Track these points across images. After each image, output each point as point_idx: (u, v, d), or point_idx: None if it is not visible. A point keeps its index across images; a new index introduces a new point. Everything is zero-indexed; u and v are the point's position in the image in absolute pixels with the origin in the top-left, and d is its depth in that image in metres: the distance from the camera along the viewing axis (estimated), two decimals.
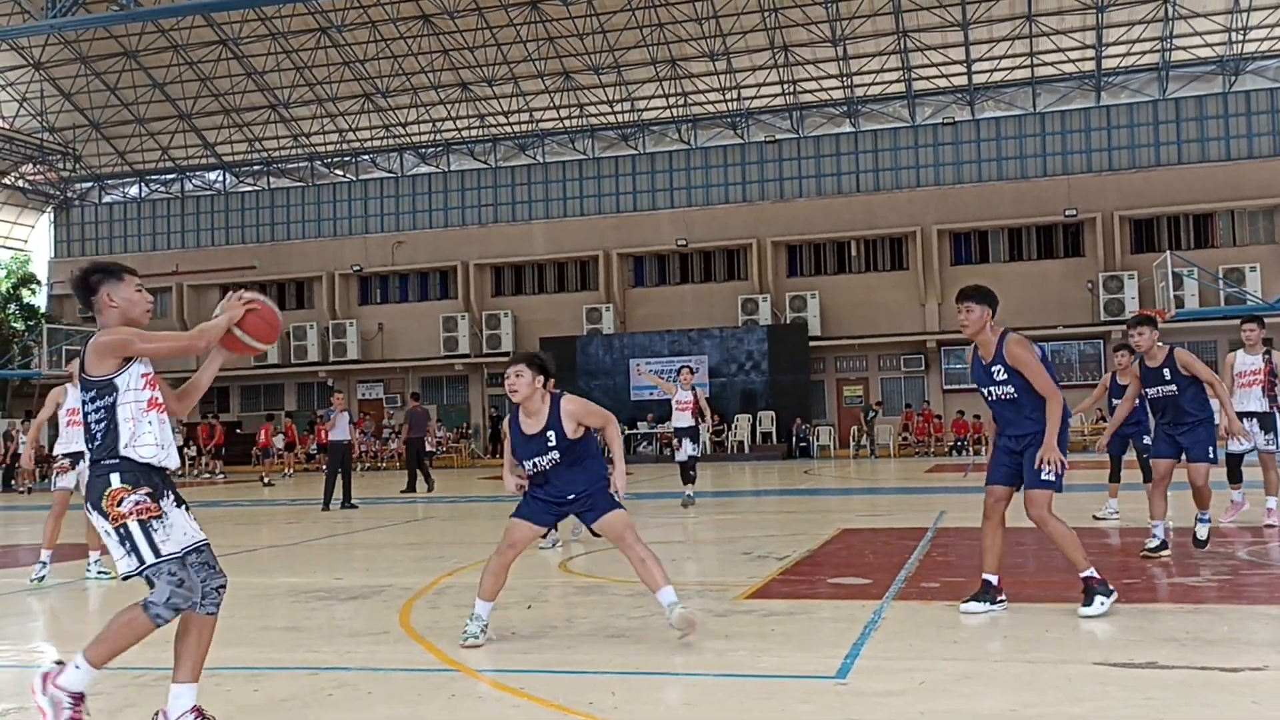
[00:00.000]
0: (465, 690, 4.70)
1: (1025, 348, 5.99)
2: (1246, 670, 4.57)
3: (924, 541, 9.57)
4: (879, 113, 37.75)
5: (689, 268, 38.52)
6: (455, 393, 40.29)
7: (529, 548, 6.36)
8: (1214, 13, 32.71)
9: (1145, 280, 32.29)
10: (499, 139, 40.92)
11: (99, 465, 3.90)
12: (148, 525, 3.82)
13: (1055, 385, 5.97)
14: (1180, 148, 34.92)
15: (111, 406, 3.91)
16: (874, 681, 4.56)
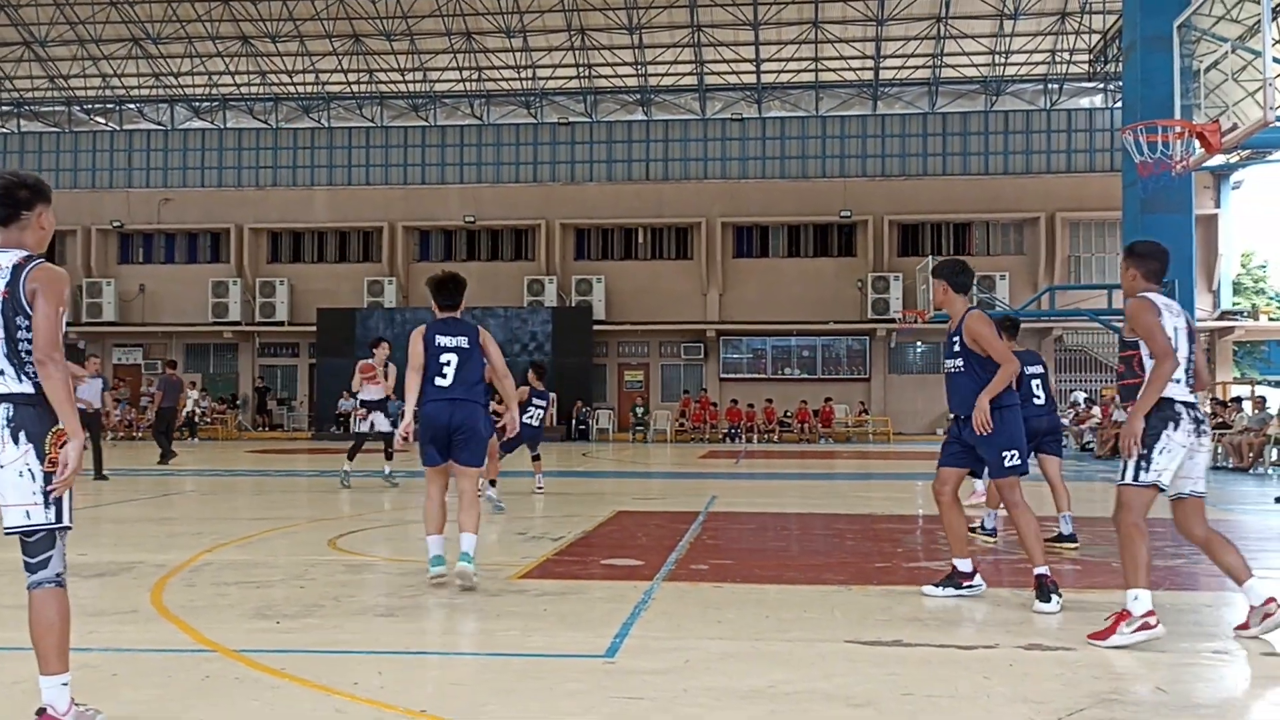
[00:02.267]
0: (221, 671, 4.49)
1: (984, 324, 6.19)
2: (980, 648, 4.94)
3: (695, 525, 9.84)
4: (671, 103, 38.44)
5: (476, 245, 38.11)
6: (224, 361, 38.40)
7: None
8: (981, 35, 35.03)
9: (909, 282, 34.28)
10: (281, 99, 39.17)
11: (37, 398, 3.62)
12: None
13: (1009, 355, 6.21)
14: (945, 159, 37.25)
15: None
16: (641, 660, 4.65)
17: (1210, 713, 3.98)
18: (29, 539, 3.58)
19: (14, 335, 3.60)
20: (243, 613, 5.67)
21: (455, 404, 6.47)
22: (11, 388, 3.58)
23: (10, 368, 3.59)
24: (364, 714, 3.88)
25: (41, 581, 3.58)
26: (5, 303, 3.59)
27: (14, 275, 3.62)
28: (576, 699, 4.06)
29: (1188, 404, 5.19)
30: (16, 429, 3.54)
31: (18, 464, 3.53)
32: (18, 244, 3.69)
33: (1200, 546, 5.31)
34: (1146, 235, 23.33)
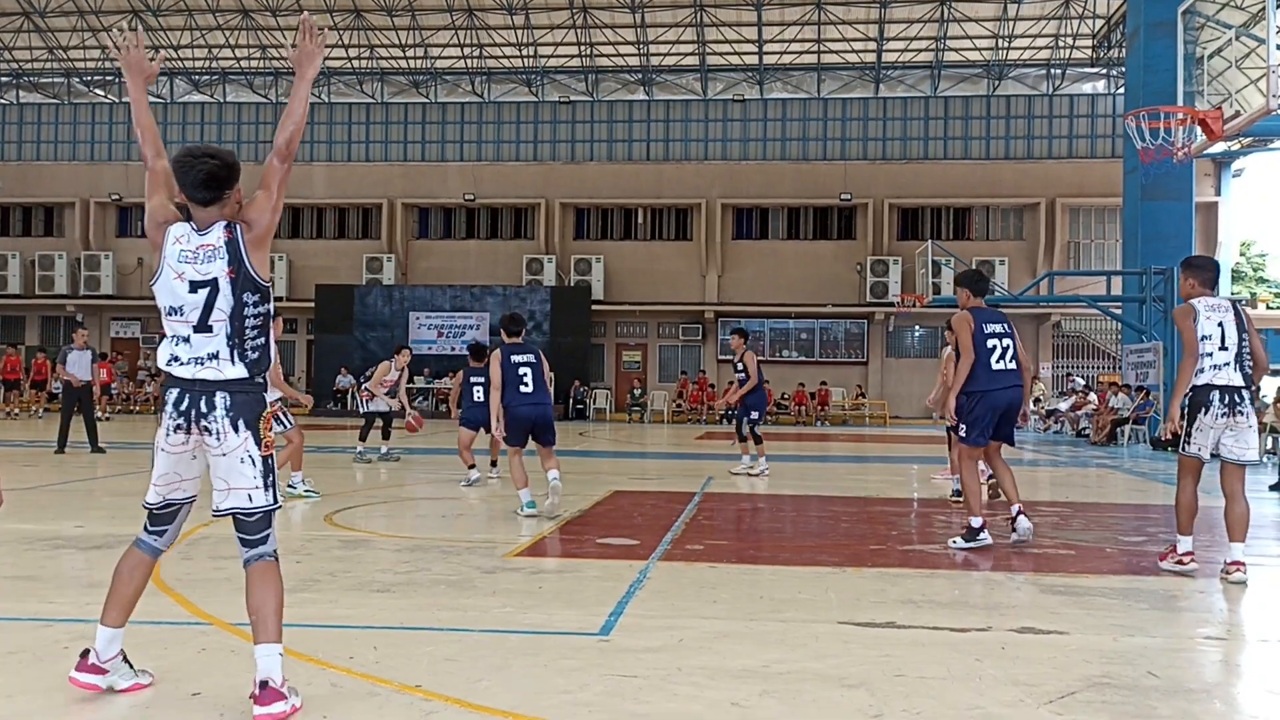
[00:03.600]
0: (217, 644, 4.51)
1: (959, 323, 7.31)
2: (972, 630, 4.96)
3: (691, 505, 9.87)
4: (673, 84, 38.29)
5: (475, 223, 38.02)
6: None
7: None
8: (984, 19, 34.87)
9: (908, 266, 34.24)
10: (280, 73, 39.00)
11: (252, 382, 3.65)
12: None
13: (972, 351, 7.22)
14: (946, 143, 37.16)
15: (269, 317, 3.72)
16: (635, 639, 4.67)
17: (1200, 697, 4.01)
18: (248, 519, 3.68)
19: (241, 313, 3.58)
20: (238, 586, 5.62)
21: (537, 406, 8.69)
22: (228, 373, 3.59)
23: (228, 350, 3.58)
24: (359, 688, 3.90)
25: (262, 555, 3.69)
26: (234, 282, 3.57)
27: (232, 250, 3.60)
28: (570, 676, 4.08)
29: (1224, 388, 6.34)
30: (236, 417, 3.59)
31: (239, 451, 3.60)
32: (216, 219, 3.65)
33: (1225, 497, 6.50)
34: (1146, 222, 23.37)
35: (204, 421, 3.57)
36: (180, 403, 3.59)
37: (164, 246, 3.64)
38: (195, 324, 3.57)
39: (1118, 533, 8.42)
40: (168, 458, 3.68)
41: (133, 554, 3.81)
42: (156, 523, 3.81)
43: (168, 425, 3.62)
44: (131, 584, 3.78)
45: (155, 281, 3.67)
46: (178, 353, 3.61)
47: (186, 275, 3.59)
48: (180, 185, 3.63)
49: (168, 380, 3.63)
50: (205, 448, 3.62)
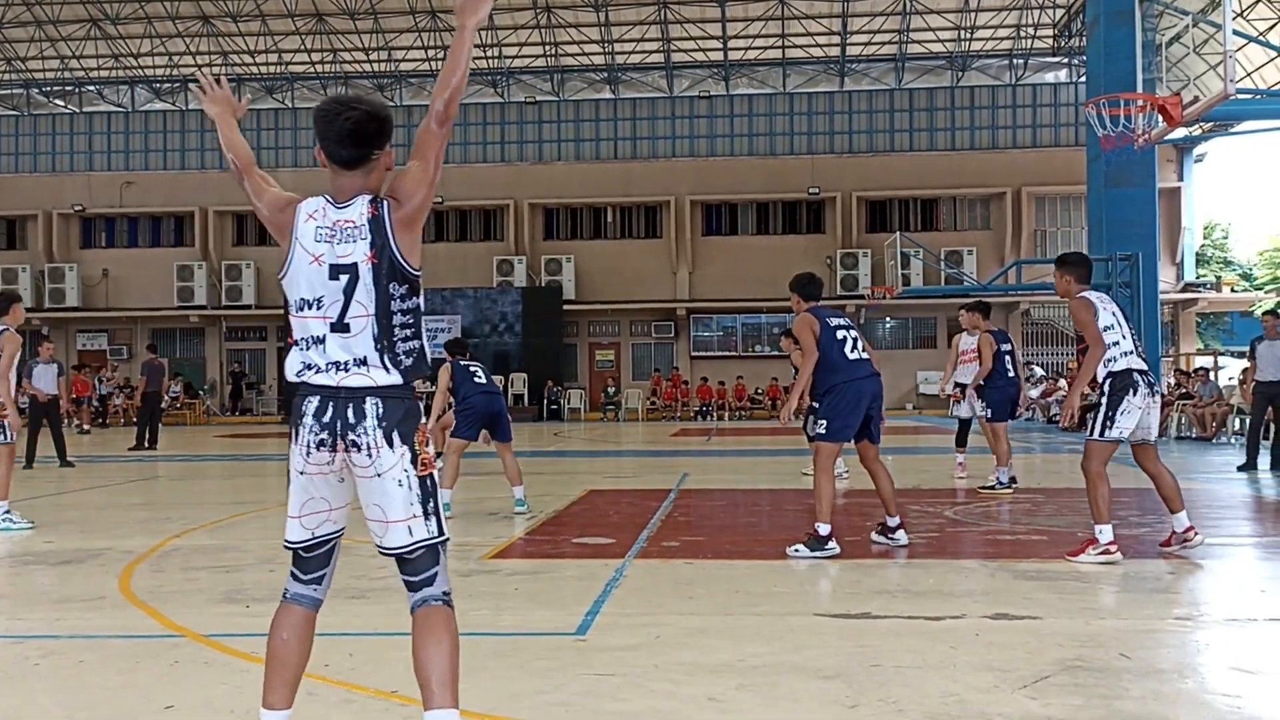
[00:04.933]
0: (189, 656, 4.48)
1: (800, 325, 7.18)
2: (947, 619, 5.00)
3: (666, 502, 9.88)
4: (638, 81, 38.29)
5: (444, 226, 37.88)
6: (191, 346, 38.04)
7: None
8: (946, 10, 35.08)
9: (877, 259, 34.41)
10: (244, 79, 38.69)
11: (406, 388, 2.98)
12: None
13: (814, 351, 7.05)
14: (912, 135, 37.36)
15: (420, 315, 3.04)
16: (613, 637, 4.68)
17: (1171, 677, 4.05)
18: (410, 556, 3.00)
19: (387, 308, 2.94)
20: (212, 597, 5.65)
21: (492, 396, 9.09)
22: (378, 379, 2.93)
23: (376, 354, 2.93)
24: (335, 695, 3.88)
25: (428, 599, 3.00)
26: (375, 269, 2.92)
27: (376, 228, 2.94)
28: (547, 676, 4.07)
29: (1142, 371, 6.47)
30: (390, 429, 2.90)
31: (394, 472, 2.92)
32: (360, 189, 3.00)
33: (1151, 478, 6.61)
34: (1111, 209, 23.58)
35: (351, 434, 2.89)
36: (322, 413, 2.91)
37: (295, 225, 3.00)
38: (334, 320, 2.92)
39: (1088, 517, 8.50)
40: (309, 482, 2.99)
41: (289, 612, 3.07)
42: (307, 567, 3.08)
43: (307, 441, 2.93)
44: (297, 650, 3.05)
45: (284, 272, 3.01)
46: (312, 358, 2.95)
47: (325, 257, 2.94)
48: (321, 139, 2.99)
49: (301, 390, 2.98)
50: (352, 468, 2.95)
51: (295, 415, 2.97)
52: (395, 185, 3.02)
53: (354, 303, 2.92)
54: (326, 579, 3.13)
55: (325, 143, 2.98)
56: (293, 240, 2.99)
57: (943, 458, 14.93)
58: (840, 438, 6.90)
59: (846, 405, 6.89)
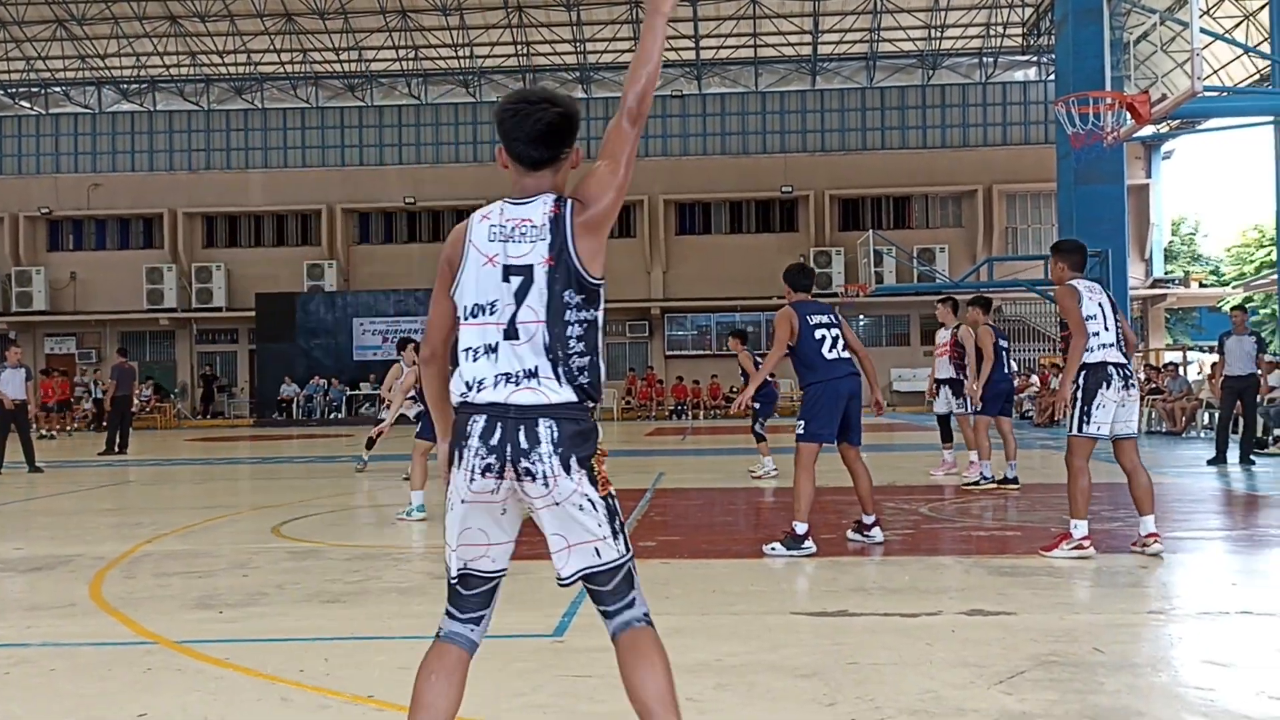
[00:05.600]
0: (163, 663, 4.43)
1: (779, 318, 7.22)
2: (923, 616, 5.02)
3: (643, 502, 9.87)
4: (610, 81, 38.27)
5: (417, 226, 37.74)
6: (161, 349, 37.71)
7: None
8: (916, 9, 35.27)
9: (850, 257, 34.55)
10: (212, 80, 38.41)
11: (581, 407, 2.68)
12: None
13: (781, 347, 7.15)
14: (884, 134, 37.54)
15: (598, 328, 2.76)
16: (590, 638, 4.66)
17: (1145, 670, 4.08)
18: (600, 579, 2.78)
19: (560, 317, 2.66)
20: (184, 603, 5.59)
21: None
22: (550, 395, 2.63)
23: (548, 365, 2.64)
24: (310, 701, 3.85)
25: (630, 621, 2.80)
26: (550, 273, 2.67)
27: (556, 230, 2.70)
28: (525, 678, 4.06)
29: (1117, 365, 6.47)
30: (566, 454, 2.62)
31: (574, 498, 2.66)
32: (546, 189, 2.78)
33: (1126, 475, 6.54)
34: (1081, 206, 23.78)
35: (524, 462, 2.61)
36: (489, 434, 2.62)
37: (468, 233, 2.76)
38: (505, 327, 2.65)
39: (1062, 512, 8.55)
40: (471, 511, 2.71)
41: (442, 652, 2.81)
42: (465, 605, 2.82)
43: (472, 465, 2.63)
44: (445, 694, 2.77)
45: (457, 284, 2.77)
46: (478, 372, 2.66)
47: (499, 258, 2.69)
48: (508, 139, 2.77)
49: (462, 409, 2.69)
50: (523, 497, 2.68)
51: (458, 437, 2.68)
52: (582, 186, 2.80)
53: (524, 307, 2.66)
54: (485, 621, 2.86)
55: (513, 143, 2.77)
56: (465, 246, 2.75)
57: (917, 454, 15.01)
58: (819, 438, 6.85)
59: (824, 405, 6.84)
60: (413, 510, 8.74)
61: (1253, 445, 13.43)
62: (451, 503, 2.73)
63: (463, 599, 2.81)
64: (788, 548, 6.65)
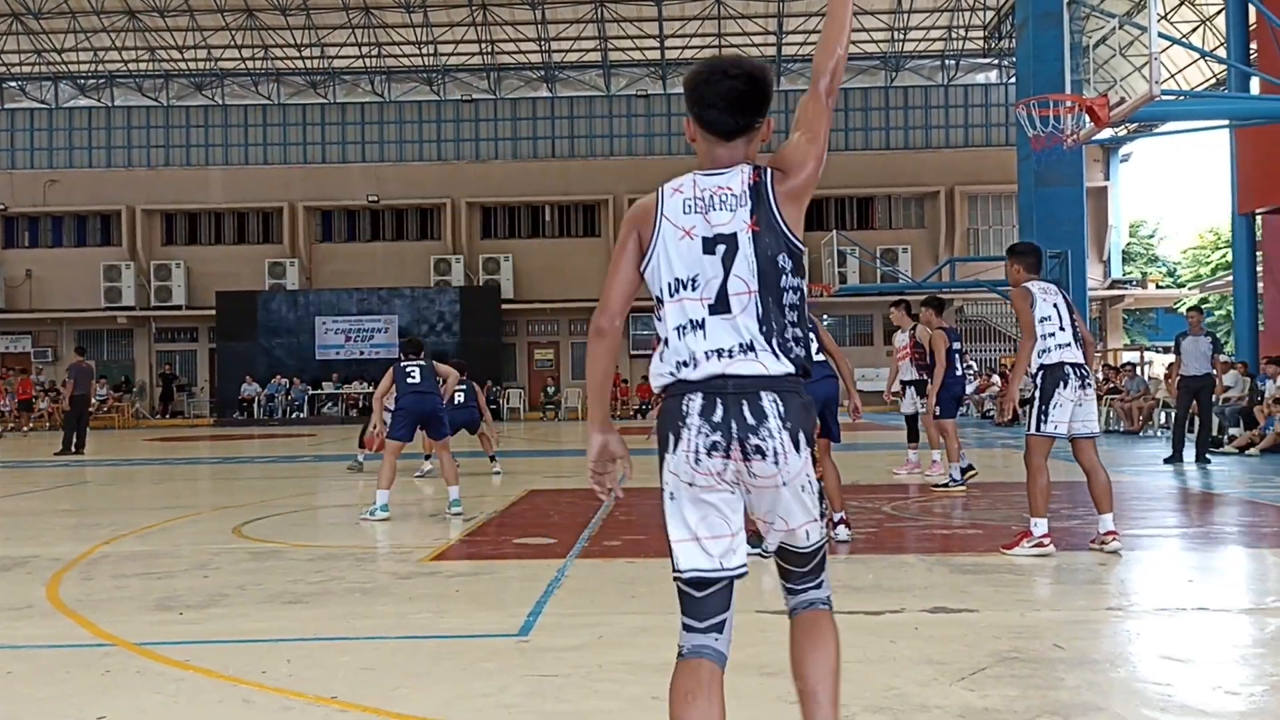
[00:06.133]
0: (122, 665, 4.37)
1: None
2: (887, 614, 5.05)
3: (608, 502, 9.84)
4: (576, 80, 38.22)
5: (380, 225, 37.49)
6: (119, 348, 37.21)
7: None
8: (879, 11, 35.50)
9: (814, 257, 34.69)
10: (172, 75, 37.95)
11: (794, 380, 2.51)
12: None
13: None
14: (847, 135, 37.75)
15: (804, 296, 2.61)
16: (555, 638, 4.66)
17: (1104, 666, 4.14)
18: (800, 560, 2.69)
19: (775, 284, 2.51)
20: (144, 605, 5.53)
21: (424, 396, 9.25)
22: (769, 366, 2.47)
23: (763, 338, 2.48)
24: (272, 703, 3.82)
25: (816, 601, 2.72)
26: (756, 238, 2.52)
27: (757, 195, 2.55)
28: (490, 679, 4.04)
29: (1074, 364, 6.53)
30: (795, 430, 2.46)
31: (800, 478, 2.51)
32: (739, 159, 2.63)
33: (1085, 473, 6.62)
34: (1041, 207, 24.02)
35: (754, 439, 2.44)
36: (709, 410, 2.45)
37: (659, 208, 2.60)
38: (712, 300, 2.50)
39: (1023, 510, 8.64)
40: (701, 498, 2.50)
41: (694, 670, 2.55)
42: (703, 610, 2.58)
43: (695, 446, 2.45)
44: (711, 713, 2.52)
45: (647, 261, 2.61)
46: (690, 349, 2.50)
47: (697, 230, 2.54)
48: (699, 107, 2.60)
49: (673, 389, 2.52)
50: (749, 480, 2.49)
51: (672, 418, 2.49)
52: (780, 157, 2.66)
53: (733, 278, 2.50)
54: (727, 626, 2.60)
55: (704, 110, 2.59)
56: (657, 222, 2.58)
57: (881, 454, 15.11)
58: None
59: None
60: (376, 510, 8.68)
61: (1208, 444, 13.63)
62: (673, 492, 2.51)
63: (698, 604, 2.57)
64: (752, 545, 6.63)
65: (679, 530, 2.53)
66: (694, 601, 2.56)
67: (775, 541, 2.65)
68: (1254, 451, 14.85)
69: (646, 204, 2.63)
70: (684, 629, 2.58)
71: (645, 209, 2.62)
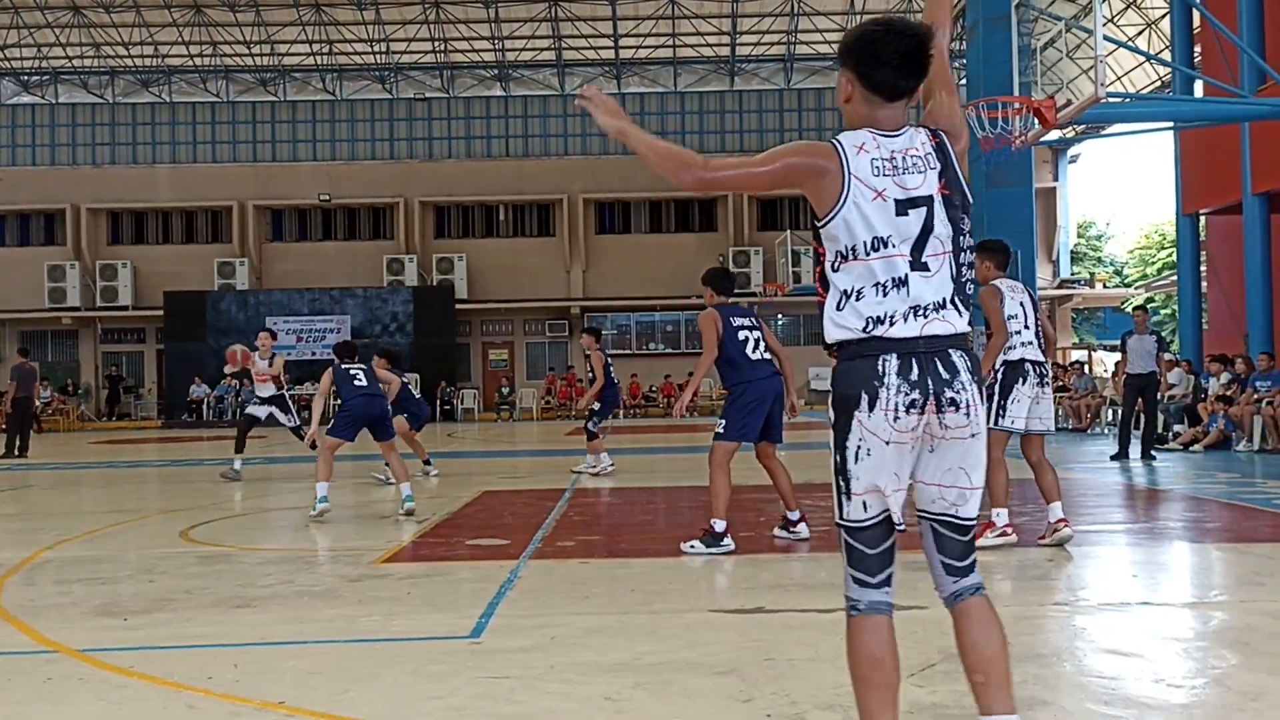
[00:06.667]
0: (65, 673, 4.28)
1: (705, 320, 7.12)
2: (839, 611, 5.05)
3: (561, 502, 9.84)
4: (529, 79, 38.10)
5: (332, 224, 37.14)
6: (63, 349, 36.53)
7: None
8: (833, 12, 35.75)
9: (769, 256, 34.91)
10: (118, 72, 37.32)
11: (962, 338, 2.61)
12: None
13: (713, 350, 7.05)
14: (801, 135, 37.96)
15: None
16: (507, 639, 4.63)
17: (1050, 660, 4.19)
18: (964, 532, 2.70)
19: (958, 244, 2.62)
20: (87, 610, 5.42)
21: (371, 398, 9.28)
22: (956, 325, 2.59)
23: (952, 295, 2.59)
24: (218, 709, 3.76)
25: (979, 585, 2.73)
26: (947, 201, 2.59)
27: (943, 158, 2.62)
28: (441, 681, 4.01)
29: (1035, 362, 6.69)
30: (978, 382, 2.59)
31: (983, 431, 2.62)
32: (901, 123, 2.64)
33: (1032, 468, 6.79)
34: (991, 208, 24.36)
35: (949, 391, 2.54)
36: (906, 369, 2.53)
37: (843, 160, 2.57)
38: (911, 259, 2.55)
39: None
40: (891, 452, 2.56)
41: (875, 625, 2.67)
42: (875, 566, 2.67)
43: (895, 404, 2.52)
44: (895, 667, 2.66)
45: (835, 213, 2.57)
46: (885, 307, 2.55)
47: (889, 192, 2.55)
48: (869, 66, 2.57)
49: (864, 345, 2.56)
50: (938, 433, 2.56)
51: (865, 377, 2.54)
52: (937, 117, 2.73)
53: (932, 239, 2.57)
54: (894, 581, 2.71)
55: (875, 68, 2.56)
56: (846, 178, 2.56)
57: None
58: (738, 436, 6.91)
59: (748, 405, 6.91)
60: (317, 503, 8.68)
61: (1153, 441, 13.87)
62: (867, 448, 2.56)
63: (870, 559, 2.66)
64: (706, 545, 6.67)
65: (865, 483, 2.58)
66: (867, 558, 2.64)
67: (960, 505, 2.65)
68: (1197, 448, 15.15)
69: (825, 150, 2.60)
70: (856, 584, 2.68)
71: (826, 154, 2.59)
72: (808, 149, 2.64)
